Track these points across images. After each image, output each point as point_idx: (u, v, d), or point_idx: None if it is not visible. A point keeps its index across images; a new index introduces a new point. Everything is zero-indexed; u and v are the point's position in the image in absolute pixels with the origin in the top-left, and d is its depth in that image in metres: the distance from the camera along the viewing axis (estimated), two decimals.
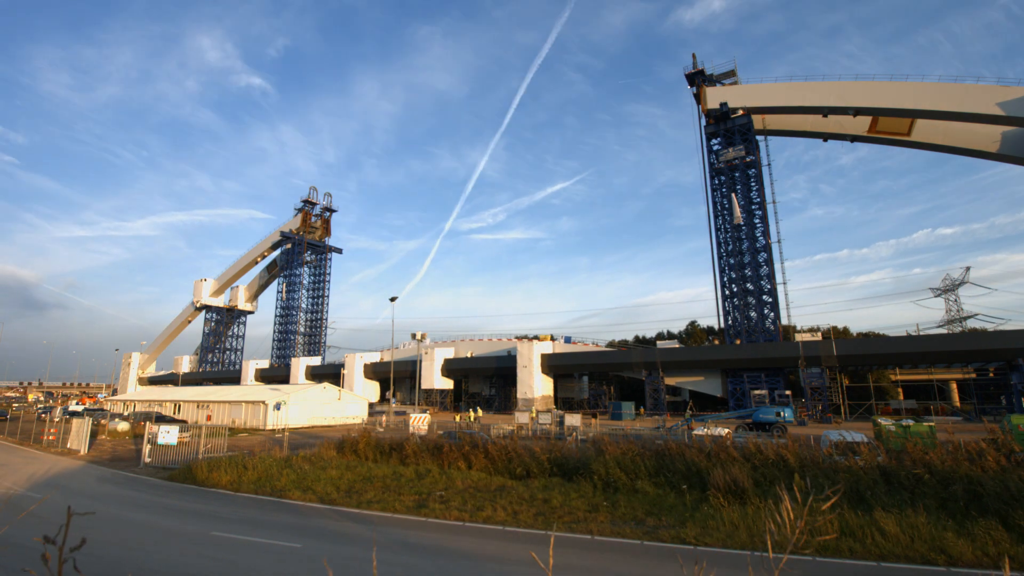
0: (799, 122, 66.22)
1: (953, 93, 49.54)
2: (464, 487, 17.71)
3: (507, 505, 15.40)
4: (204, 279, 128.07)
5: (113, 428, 42.19)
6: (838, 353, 51.07)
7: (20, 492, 18.29)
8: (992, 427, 24.56)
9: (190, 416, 53.67)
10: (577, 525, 13.54)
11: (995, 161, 56.97)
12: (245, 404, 50.46)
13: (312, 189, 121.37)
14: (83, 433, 30.98)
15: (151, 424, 28.64)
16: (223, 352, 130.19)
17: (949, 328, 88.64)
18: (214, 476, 20.10)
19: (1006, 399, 49.72)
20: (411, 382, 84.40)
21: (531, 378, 66.91)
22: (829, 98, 57.36)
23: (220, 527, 13.81)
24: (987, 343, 48.30)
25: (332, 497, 17.03)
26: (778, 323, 60.40)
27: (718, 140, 67.07)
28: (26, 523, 12.66)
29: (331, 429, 45.51)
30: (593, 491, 16.71)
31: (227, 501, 17.32)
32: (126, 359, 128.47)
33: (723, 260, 64.82)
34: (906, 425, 25.32)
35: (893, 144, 62.85)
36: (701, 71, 68.00)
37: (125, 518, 14.94)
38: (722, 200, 65.45)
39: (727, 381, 58.35)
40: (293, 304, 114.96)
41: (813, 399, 51.72)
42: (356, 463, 22.12)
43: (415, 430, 33.64)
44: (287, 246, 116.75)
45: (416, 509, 15.37)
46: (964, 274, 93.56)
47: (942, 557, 10.54)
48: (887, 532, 11.52)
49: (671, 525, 13.28)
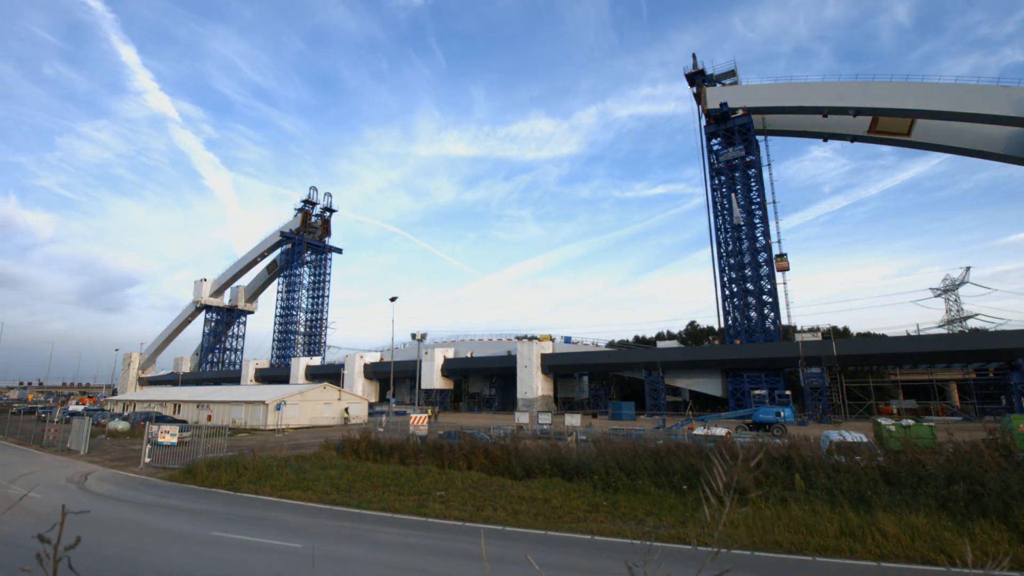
0: (799, 122, 66.25)
1: (959, 93, 49.47)
2: (464, 487, 17.70)
3: (507, 505, 15.39)
4: (204, 279, 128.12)
5: (113, 428, 42.21)
6: (838, 353, 51.06)
7: (20, 492, 18.28)
8: (992, 427, 24.56)
9: (190, 416, 53.64)
10: (577, 525, 13.53)
11: (998, 161, 56.94)
12: (245, 404, 50.45)
13: (312, 189, 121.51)
14: (83, 433, 30.94)
15: (151, 424, 28.64)
16: (223, 352, 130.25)
17: (949, 328, 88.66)
18: (214, 476, 20.08)
19: (1006, 399, 49.72)
20: (411, 382, 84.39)
21: (531, 378, 66.91)
22: (829, 98, 57.38)
23: (220, 527, 13.80)
24: (987, 343, 48.31)
25: (332, 497, 17.02)
26: (778, 323, 60.41)
27: (718, 140, 67.11)
28: (24, 522, 12.66)
29: (331, 429, 45.50)
30: (593, 491, 16.70)
31: (227, 501, 17.31)
32: (126, 359, 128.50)
33: (723, 260, 64.86)
34: (906, 425, 25.32)
35: (893, 144, 62.87)
36: (701, 71, 68.04)
37: (125, 518, 14.93)
38: (722, 200, 65.49)
39: (727, 381, 58.34)
40: (293, 304, 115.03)
41: (813, 399, 51.72)
42: (356, 463, 22.12)
43: (415, 430, 33.64)
44: (287, 246, 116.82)
45: (416, 509, 15.36)
46: (964, 274, 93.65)
47: (942, 557, 10.52)
48: (887, 532, 11.51)
49: (671, 525, 13.28)
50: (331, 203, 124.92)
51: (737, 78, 68.58)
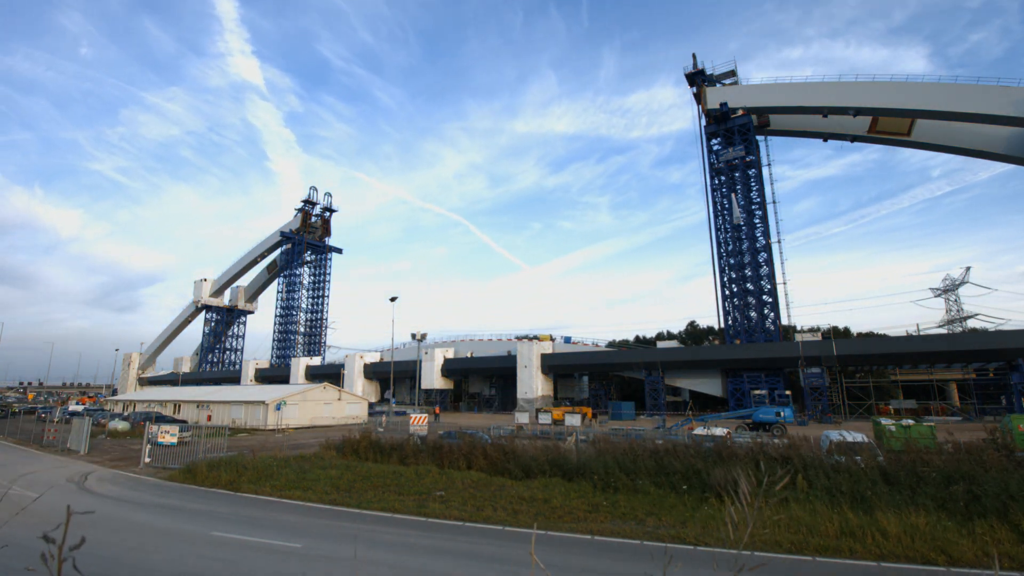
0: (799, 122, 66.22)
1: (959, 93, 49.42)
2: (464, 487, 17.70)
3: (507, 505, 15.40)
4: (204, 279, 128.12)
5: (113, 428, 42.21)
6: (838, 353, 51.05)
7: (20, 492, 18.27)
8: (992, 427, 24.57)
9: (190, 416, 53.65)
10: (577, 525, 13.53)
11: (998, 161, 56.92)
12: (245, 404, 50.45)
13: (312, 189, 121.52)
14: (83, 433, 30.95)
15: (151, 424, 28.65)
16: (223, 352, 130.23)
17: (949, 328, 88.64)
18: (214, 476, 20.09)
19: (1006, 399, 49.72)
20: (411, 382, 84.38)
21: (531, 378, 66.89)
22: (829, 98, 57.35)
23: (220, 527, 13.80)
24: (987, 343, 48.29)
25: (332, 497, 17.02)
26: (778, 323, 60.41)
27: (718, 140, 67.12)
28: (26, 523, 12.65)
29: (331, 429, 45.50)
30: (593, 491, 16.70)
31: (227, 501, 17.31)
32: (126, 359, 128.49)
33: (723, 260, 64.86)
34: (906, 425, 25.33)
35: (893, 144, 62.84)
36: (701, 71, 68.03)
37: (125, 518, 14.93)
38: (722, 200, 65.49)
39: (727, 381, 58.33)
40: (293, 304, 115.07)
41: (813, 399, 51.72)
42: (356, 463, 22.12)
43: (415, 430, 33.64)
44: (287, 246, 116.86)
45: (416, 509, 15.36)
46: (964, 274, 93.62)
47: (942, 557, 10.53)
48: (887, 532, 11.52)
49: (671, 525, 13.27)
50: (331, 203, 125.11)
51: (737, 78, 68.59)
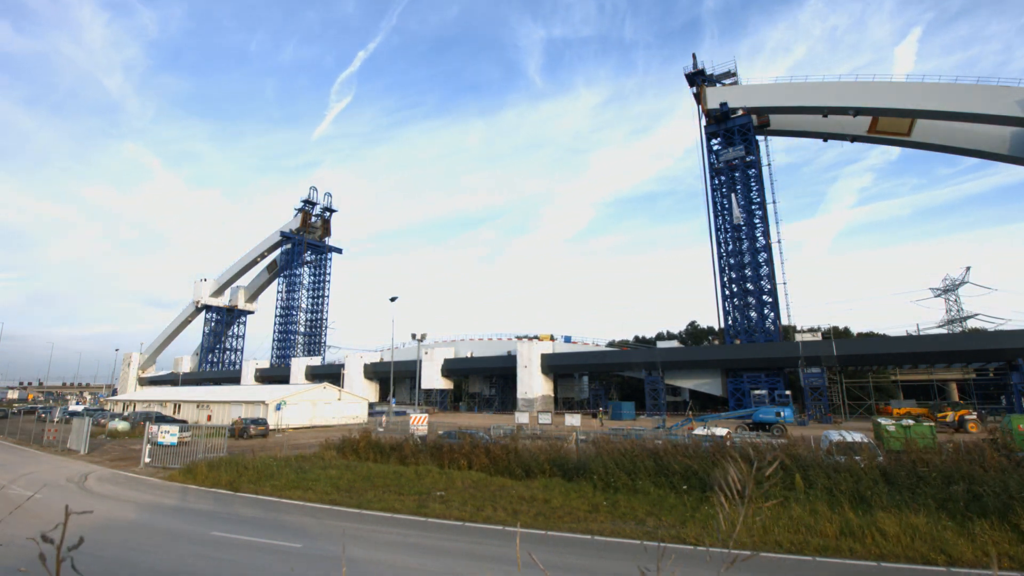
0: (799, 122, 66.20)
1: (960, 93, 49.39)
2: (464, 487, 17.71)
3: (507, 505, 15.40)
4: (204, 279, 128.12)
5: (113, 428, 42.22)
6: (838, 353, 51.05)
7: (20, 492, 18.28)
8: (992, 427, 24.56)
9: (190, 416, 53.65)
10: (577, 525, 13.53)
11: (998, 161, 56.91)
12: (245, 404, 50.45)
13: (312, 189, 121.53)
14: (83, 433, 30.95)
15: (151, 424, 28.65)
16: (223, 352, 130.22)
17: (949, 328, 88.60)
18: (214, 476, 20.10)
19: (1006, 399, 49.71)
20: (411, 382, 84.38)
21: (531, 378, 66.90)
22: (829, 98, 57.35)
23: (220, 527, 13.81)
24: (987, 343, 48.30)
25: (332, 497, 17.02)
26: (778, 323, 60.39)
27: (718, 140, 67.11)
28: (25, 522, 12.65)
29: (331, 429, 45.48)
30: (593, 491, 16.70)
31: (227, 501, 17.31)
32: (126, 359, 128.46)
33: (723, 260, 64.85)
34: (906, 425, 25.32)
35: (893, 144, 62.86)
36: (701, 71, 68.01)
37: (125, 518, 14.93)
38: (722, 200, 65.48)
39: (727, 381, 58.33)
40: (293, 304, 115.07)
41: (813, 399, 51.71)
42: (356, 463, 22.12)
43: (415, 430, 33.65)
44: (287, 246, 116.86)
45: (416, 509, 15.36)
46: (964, 274, 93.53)
47: (942, 557, 10.53)
48: (887, 532, 11.52)
49: (672, 525, 13.27)
50: (331, 203, 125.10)
51: (737, 78, 68.56)
